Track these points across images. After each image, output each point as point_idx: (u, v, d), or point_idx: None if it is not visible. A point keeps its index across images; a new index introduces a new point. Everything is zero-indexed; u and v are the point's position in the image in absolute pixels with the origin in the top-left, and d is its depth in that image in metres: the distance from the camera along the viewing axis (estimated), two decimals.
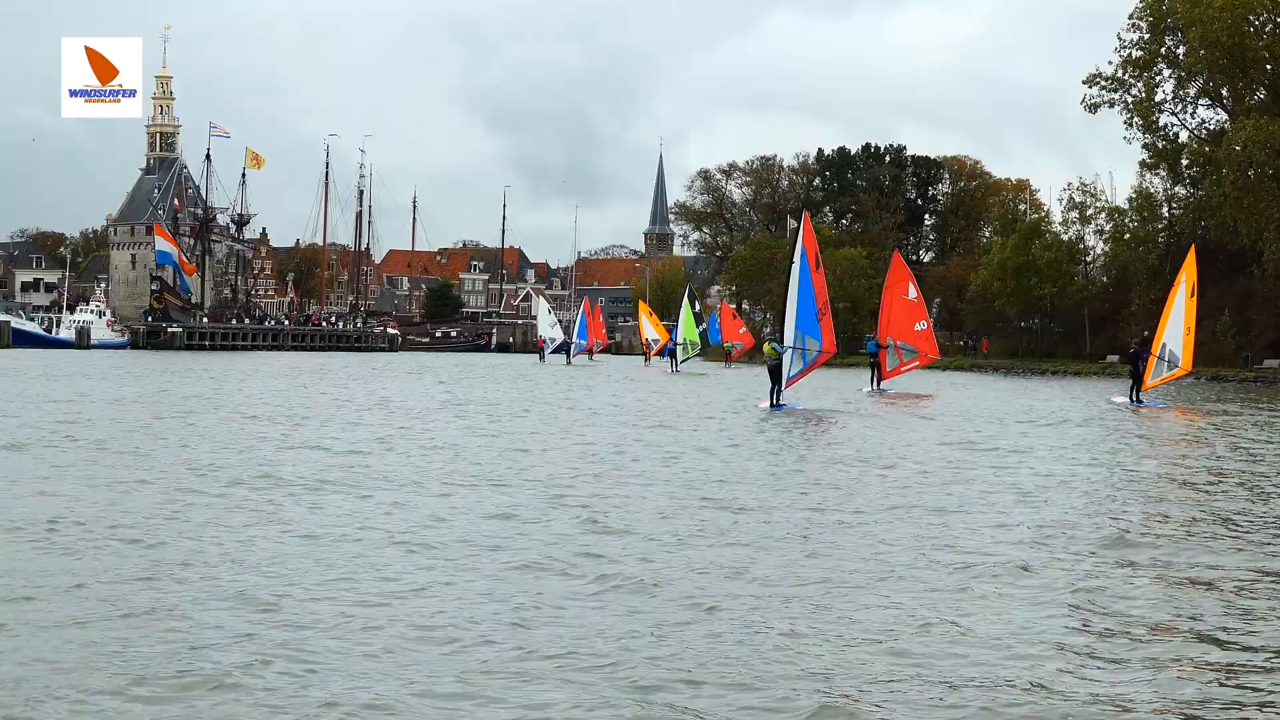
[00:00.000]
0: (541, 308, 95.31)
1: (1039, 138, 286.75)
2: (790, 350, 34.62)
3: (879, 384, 48.05)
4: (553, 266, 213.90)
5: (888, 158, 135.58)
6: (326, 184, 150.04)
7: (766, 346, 36.07)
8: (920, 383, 53.20)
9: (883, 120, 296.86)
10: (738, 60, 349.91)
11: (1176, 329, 38.85)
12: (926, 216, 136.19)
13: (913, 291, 49.31)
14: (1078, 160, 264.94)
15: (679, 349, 75.31)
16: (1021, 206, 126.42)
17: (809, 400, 35.98)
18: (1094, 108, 76.95)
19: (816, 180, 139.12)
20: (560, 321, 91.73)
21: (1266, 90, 68.46)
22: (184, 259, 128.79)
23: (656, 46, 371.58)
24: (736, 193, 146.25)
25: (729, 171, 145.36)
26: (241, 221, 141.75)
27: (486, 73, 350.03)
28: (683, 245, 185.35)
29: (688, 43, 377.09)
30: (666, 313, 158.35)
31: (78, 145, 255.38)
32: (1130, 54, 75.21)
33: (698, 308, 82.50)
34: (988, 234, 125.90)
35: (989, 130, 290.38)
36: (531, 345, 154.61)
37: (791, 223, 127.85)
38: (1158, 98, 75.59)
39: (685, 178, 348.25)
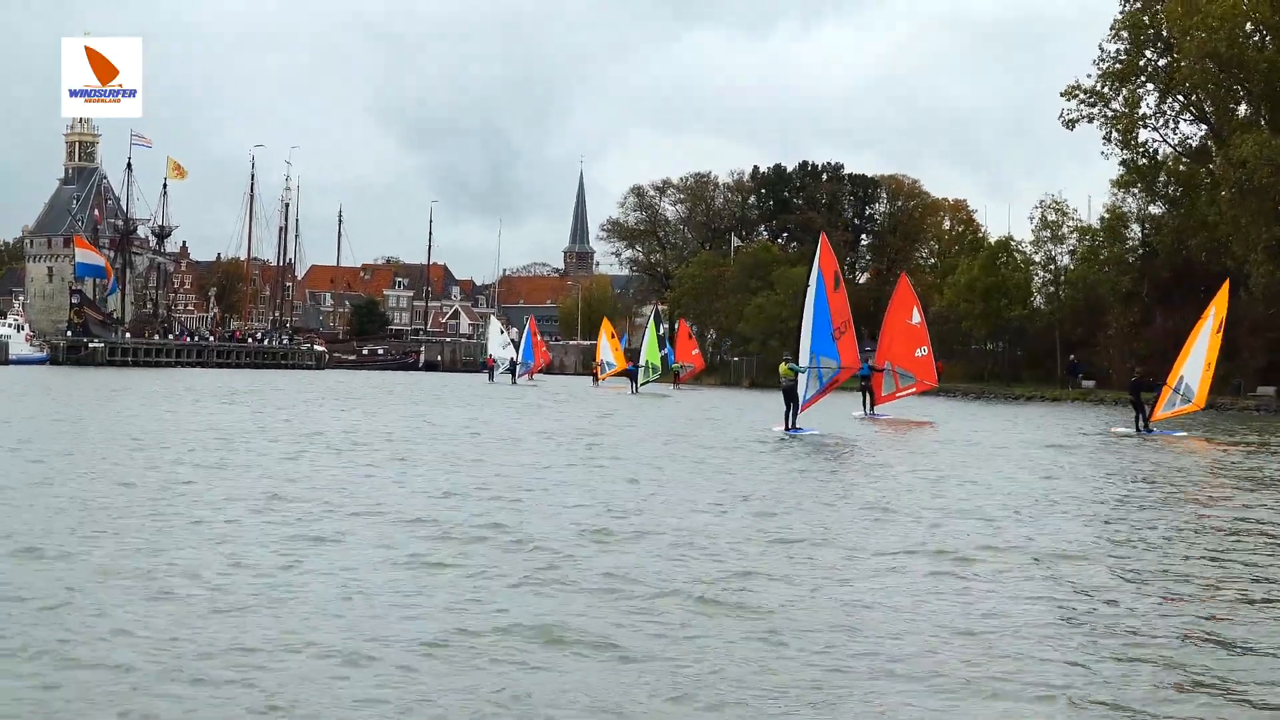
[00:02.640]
0: (494, 327, 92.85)
1: (956, 158, 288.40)
2: (807, 371, 33.61)
3: (872, 408, 46.32)
4: (478, 283, 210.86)
5: (825, 176, 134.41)
6: (252, 195, 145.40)
7: (783, 367, 34.73)
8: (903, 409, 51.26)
9: (801, 139, 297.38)
10: (656, 77, 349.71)
11: (1197, 363, 37.17)
12: (864, 236, 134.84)
13: (916, 316, 47.27)
14: (995, 181, 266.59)
15: (640, 371, 73.46)
16: (959, 227, 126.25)
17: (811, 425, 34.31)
18: (1072, 124, 74.22)
19: (751, 198, 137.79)
20: (514, 341, 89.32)
21: (1265, 104, 66.11)
22: (99, 251, 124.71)
23: (575, 62, 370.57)
24: (670, 210, 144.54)
25: (663, 188, 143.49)
26: (163, 234, 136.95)
27: (404, 87, 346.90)
28: (607, 264, 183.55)
29: (606, 59, 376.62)
30: (593, 333, 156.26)
31: None
32: (1110, 67, 72.83)
33: (662, 330, 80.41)
34: (925, 254, 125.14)
35: (907, 150, 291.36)
36: (461, 363, 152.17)
37: (736, 241, 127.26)
38: (1140, 111, 73.33)
39: (603, 195, 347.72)
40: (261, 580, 11.16)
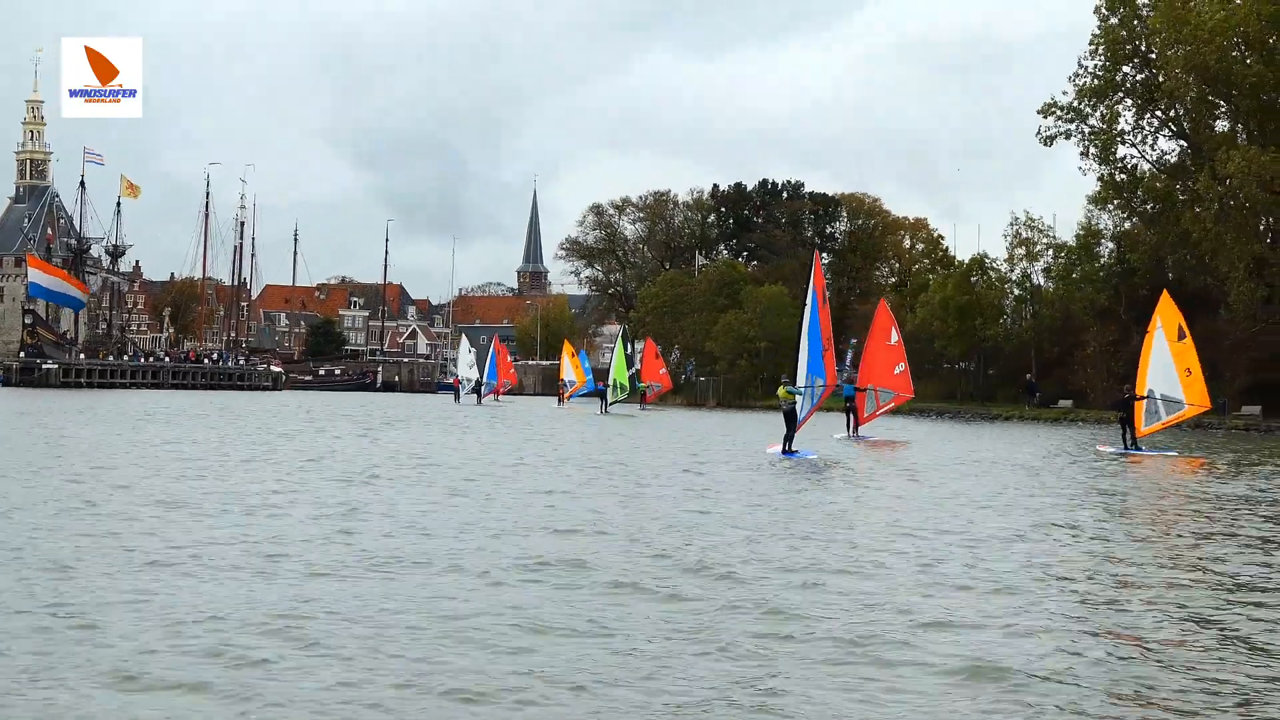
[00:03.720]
0: (463, 347, 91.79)
1: (909, 178, 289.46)
2: (804, 393, 33.05)
3: (856, 429, 45.83)
4: (434, 303, 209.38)
5: (785, 194, 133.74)
6: (207, 214, 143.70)
7: (782, 390, 33.76)
8: (886, 432, 50.57)
9: (754, 160, 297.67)
10: (609, 99, 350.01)
11: (1164, 373, 36.79)
12: (824, 255, 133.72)
13: (895, 336, 47.36)
14: (946, 202, 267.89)
15: (609, 390, 72.75)
16: (919, 246, 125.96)
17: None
18: (1049, 140, 72.78)
19: (711, 216, 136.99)
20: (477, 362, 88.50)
21: (1253, 119, 64.87)
22: (73, 278, 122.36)
23: (528, 83, 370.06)
24: (629, 228, 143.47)
25: (622, 206, 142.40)
26: (117, 253, 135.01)
27: (356, 107, 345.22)
28: (559, 284, 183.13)
29: (560, 79, 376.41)
30: (551, 352, 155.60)
31: None
32: (1088, 83, 71.39)
33: (629, 349, 79.92)
34: (886, 272, 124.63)
35: (861, 170, 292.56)
36: (419, 383, 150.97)
37: (700, 259, 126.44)
38: (1120, 126, 71.81)
39: (557, 215, 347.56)
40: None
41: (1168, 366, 36.73)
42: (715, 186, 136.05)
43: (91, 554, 13.25)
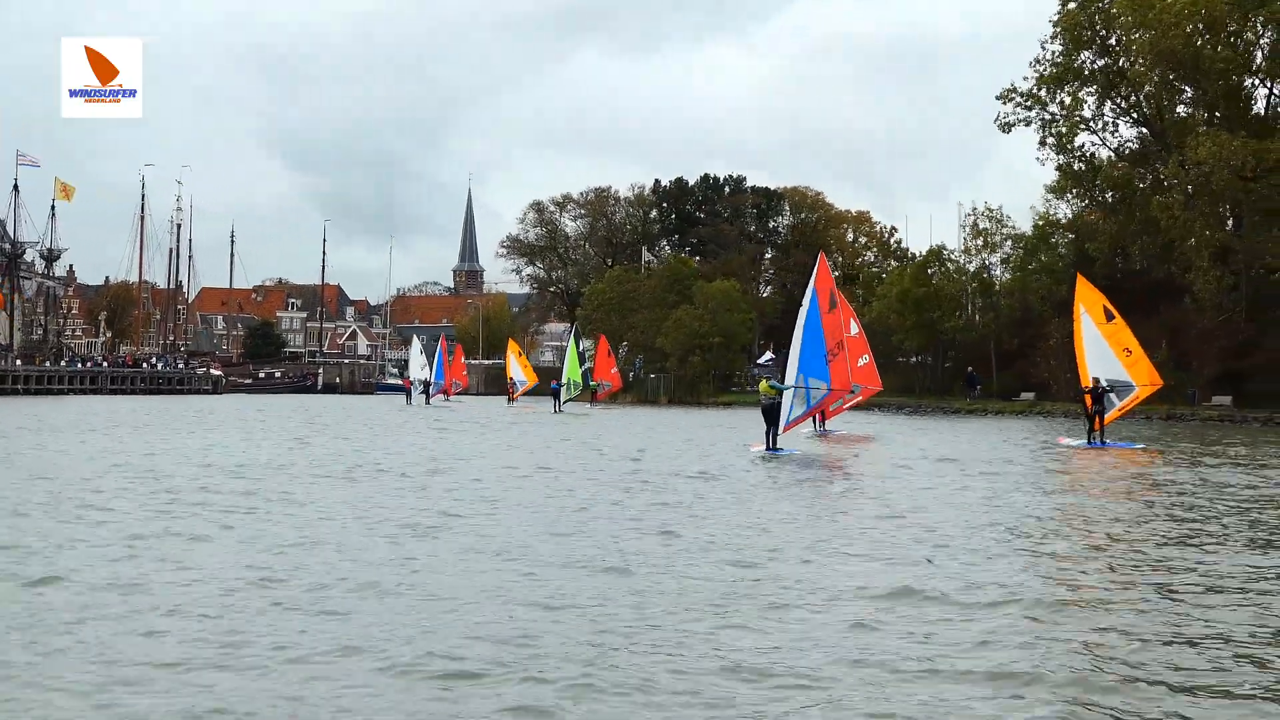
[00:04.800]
0: (414, 348, 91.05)
1: (844, 176, 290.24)
2: (793, 390, 32.83)
3: (822, 424, 45.66)
4: (372, 303, 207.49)
5: (727, 188, 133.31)
6: (143, 217, 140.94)
7: (764, 385, 33.68)
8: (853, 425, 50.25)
9: (689, 158, 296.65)
10: (542, 98, 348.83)
11: (1102, 358, 36.01)
12: (767, 250, 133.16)
13: (855, 328, 47.01)
14: (883, 199, 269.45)
15: (563, 388, 72.46)
16: (862, 239, 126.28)
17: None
18: (1008, 127, 71.63)
19: (654, 212, 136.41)
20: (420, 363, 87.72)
21: (1221, 103, 63.53)
22: None
23: (460, 85, 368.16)
24: (570, 225, 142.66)
25: (563, 203, 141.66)
26: (51, 257, 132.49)
27: (290, 110, 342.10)
28: (494, 281, 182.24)
29: (490, 81, 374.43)
30: (493, 351, 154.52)
31: None
32: (1046, 70, 70.15)
33: (582, 347, 79.58)
34: (830, 265, 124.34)
35: (794, 168, 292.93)
36: (360, 385, 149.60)
37: (647, 255, 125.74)
38: (1082, 113, 70.45)
39: (491, 215, 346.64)
40: None
41: (1104, 351, 36.16)
42: (657, 182, 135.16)
43: None
